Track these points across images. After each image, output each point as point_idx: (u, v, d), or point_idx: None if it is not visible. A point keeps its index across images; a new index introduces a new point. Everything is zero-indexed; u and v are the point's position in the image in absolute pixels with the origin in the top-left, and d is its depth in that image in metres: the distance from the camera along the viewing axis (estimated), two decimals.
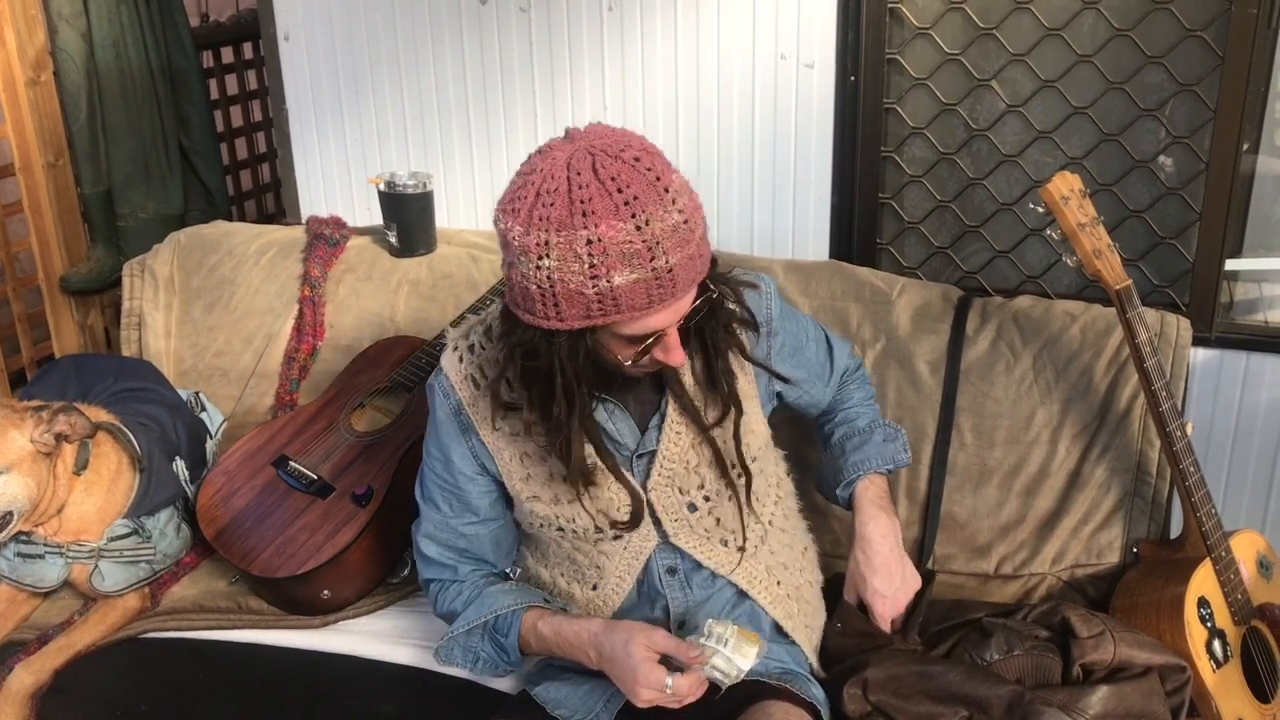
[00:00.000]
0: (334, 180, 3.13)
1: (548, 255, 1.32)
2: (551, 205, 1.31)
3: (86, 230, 3.85)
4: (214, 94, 4.31)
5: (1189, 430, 1.84)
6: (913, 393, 2.12)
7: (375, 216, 2.62)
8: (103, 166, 3.72)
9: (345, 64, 2.99)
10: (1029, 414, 2.07)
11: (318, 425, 2.20)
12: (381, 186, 2.54)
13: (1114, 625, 1.72)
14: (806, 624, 1.75)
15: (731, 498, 1.66)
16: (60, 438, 1.92)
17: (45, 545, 1.98)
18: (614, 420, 1.61)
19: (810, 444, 1.96)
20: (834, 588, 1.84)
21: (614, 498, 1.61)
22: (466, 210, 2.95)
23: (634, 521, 1.61)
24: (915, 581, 1.74)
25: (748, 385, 1.67)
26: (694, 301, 1.44)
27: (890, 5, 2.42)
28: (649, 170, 1.33)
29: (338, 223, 2.66)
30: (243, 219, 4.60)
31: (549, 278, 1.33)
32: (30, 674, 1.88)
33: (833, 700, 1.66)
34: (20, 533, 1.96)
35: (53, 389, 2.16)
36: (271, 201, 4.83)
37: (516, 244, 1.35)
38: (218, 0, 4.72)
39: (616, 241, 1.30)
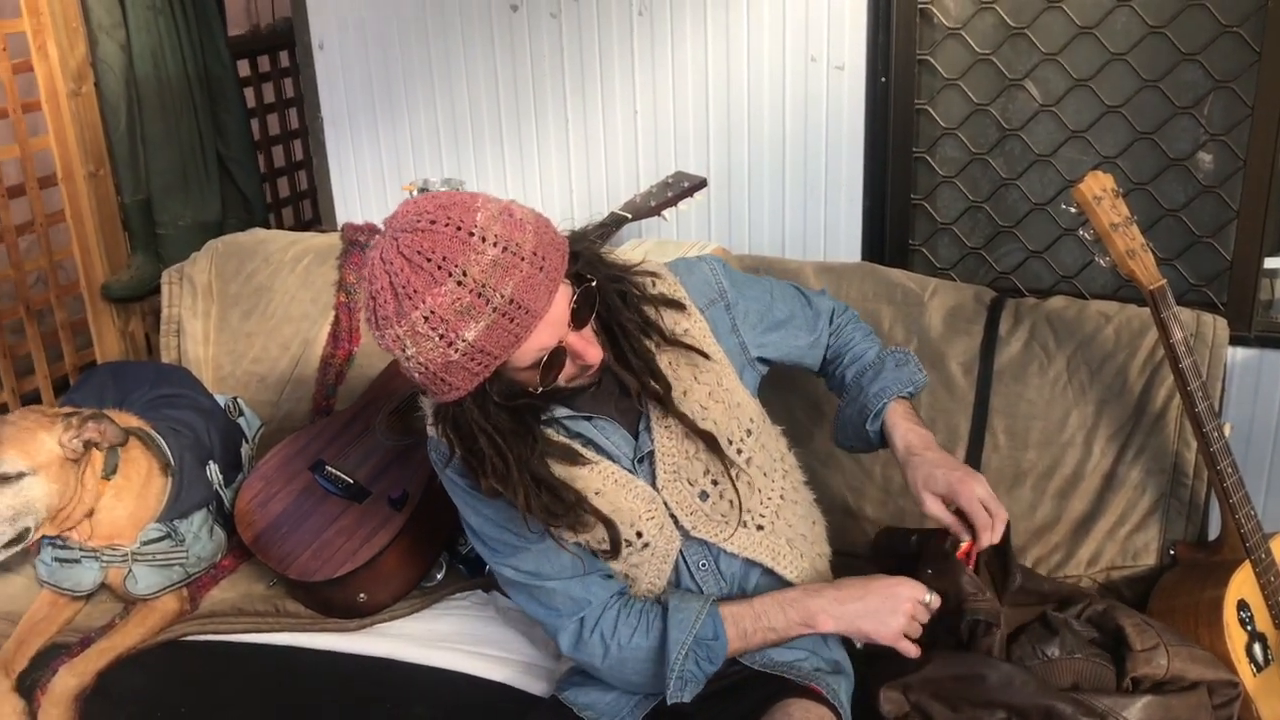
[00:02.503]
0: (368, 187, 3.16)
1: (405, 346, 1.36)
2: (385, 304, 1.35)
3: (127, 239, 3.91)
4: (250, 102, 4.36)
5: (1227, 431, 1.82)
6: (946, 395, 2.11)
7: None
8: (142, 175, 3.78)
9: (378, 72, 3.02)
10: (1063, 415, 2.05)
11: (354, 430, 2.22)
12: (415, 193, 2.56)
13: (1169, 638, 1.69)
14: None
15: (738, 476, 1.66)
16: (89, 444, 1.95)
17: (81, 550, 2.01)
18: (605, 434, 1.62)
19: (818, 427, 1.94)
20: (889, 543, 1.86)
21: (632, 506, 1.62)
22: None
23: (614, 550, 1.61)
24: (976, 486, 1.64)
25: (718, 356, 1.67)
26: (572, 302, 1.43)
27: (921, 6, 2.41)
28: (447, 225, 1.34)
29: (372, 229, 2.68)
30: (279, 226, 4.65)
31: (420, 363, 1.37)
32: (74, 676, 1.91)
33: (866, 692, 1.66)
34: (57, 537, 2.00)
35: (92, 396, 2.19)
36: (308, 208, 4.88)
37: (384, 347, 1.39)
38: (266, 9, 4.77)
39: (447, 305, 1.32)
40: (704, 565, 1.67)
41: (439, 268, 1.32)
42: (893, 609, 1.58)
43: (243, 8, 4.48)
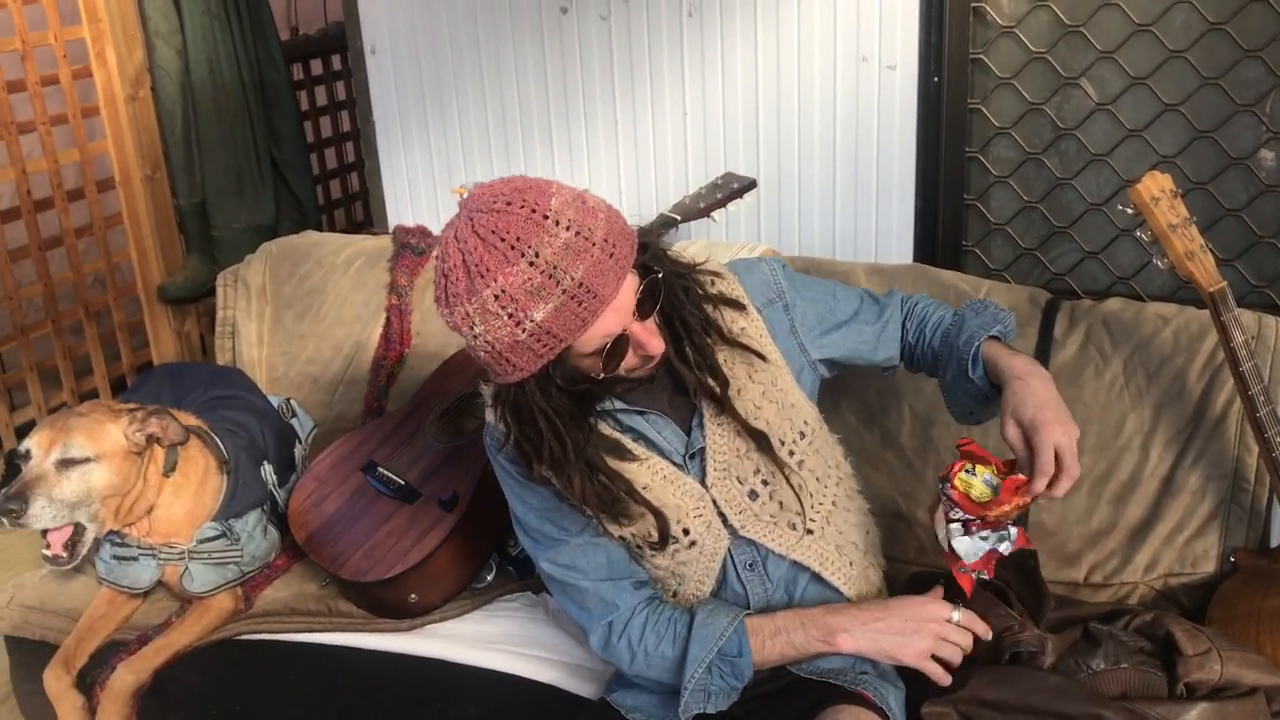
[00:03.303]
0: (419, 189, 3.19)
1: (474, 324, 1.39)
2: (457, 281, 1.38)
3: (182, 241, 3.97)
4: (303, 106, 4.41)
5: None
6: None
7: None
8: (198, 179, 3.84)
9: (429, 76, 3.04)
10: (1119, 419, 2.02)
11: (405, 431, 2.24)
12: (465, 196, 2.57)
13: (1221, 642, 1.66)
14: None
15: (790, 477, 1.65)
16: (151, 439, 1.98)
17: (139, 547, 2.04)
18: (657, 429, 1.63)
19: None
20: (915, 587, 1.82)
21: (680, 503, 1.62)
22: None
23: (663, 542, 1.61)
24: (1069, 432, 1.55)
25: (774, 358, 1.66)
26: (638, 291, 1.45)
27: (974, 4, 2.39)
28: (522, 207, 1.37)
29: (423, 232, 2.70)
30: (332, 227, 4.70)
31: (487, 342, 1.40)
32: (132, 673, 1.95)
33: (913, 705, 1.64)
34: (115, 534, 2.03)
35: (149, 396, 2.22)
36: (360, 210, 4.93)
37: (452, 326, 1.42)
38: (307, 12, 4.82)
39: (518, 285, 1.35)
40: (752, 566, 1.66)
41: (512, 248, 1.35)
42: (916, 629, 1.55)
43: (282, 12, 4.53)
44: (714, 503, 1.63)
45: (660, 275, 1.48)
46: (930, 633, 1.54)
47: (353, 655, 1.98)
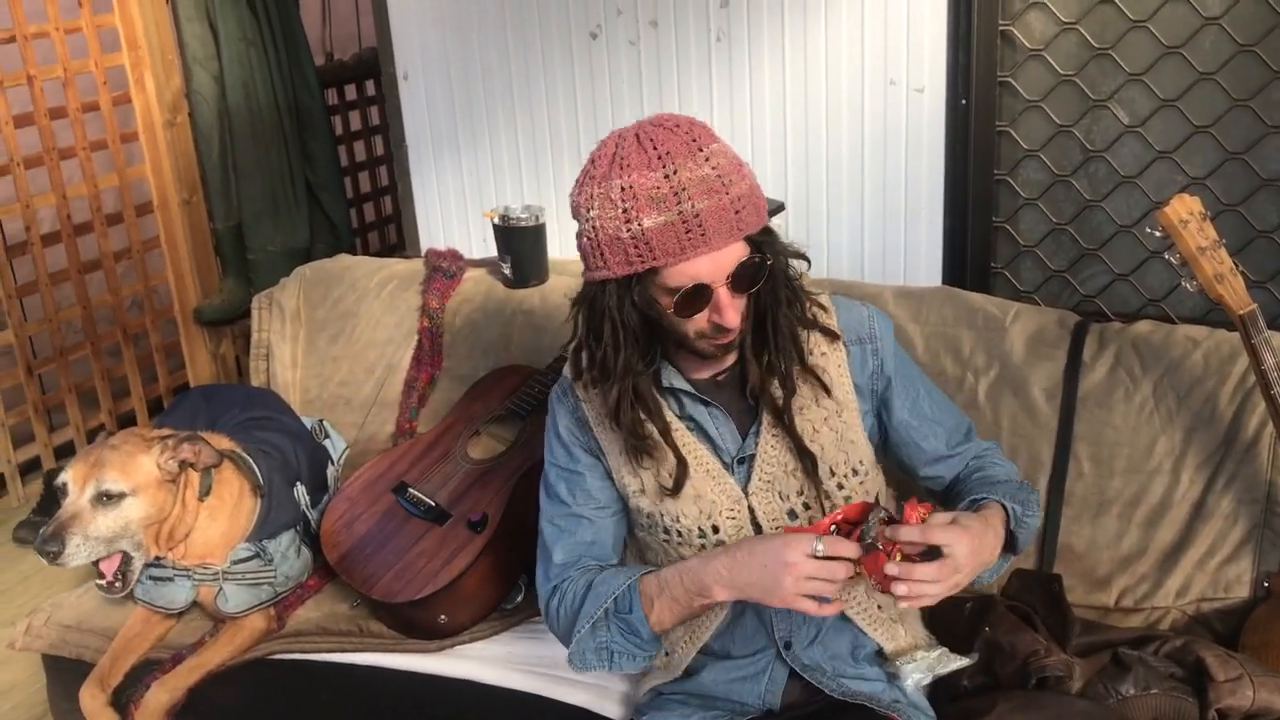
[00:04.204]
0: (451, 213, 3.22)
1: (592, 207, 1.48)
2: (600, 164, 1.49)
3: (218, 264, 4.02)
4: (337, 130, 4.46)
5: None
6: (1028, 421, 2.08)
7: (490, 248, 2.68)
8: (233, 202, 3.89)
9: (461, 101, 3.07)
10: (1149, 443, 2.01)
11: (435, 453, 2.26)
12: (496, 220, 2.59)
13: (1253, 668, 1.65)
14: (913, 649, 1.72)
15: (831, 509, 1.64)
16: (185, 464, 2.01)
17: (174, 568, 2.07)
18: (716, 423, 1.65)
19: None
20: (941, 613, 1.82)
21: (715, 499, 1.64)
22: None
23: (676, 488, 1.62)
24: (961, 581, 1.49)
25: (844, 393, 1.68)
26: (741, 262, 1.49)
27: (1002, 28, 2.39)
28: (688, 134, 1.47)
29: (454, 255, 2.72)
30: (365, 250, 4.75)
31: (593, 228, 1.48)
32: (166, 692, 1.97)
33: None
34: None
35: (185, 418, 2.26)
36: (393, 233, 4.97)
37: (573, 205, 1.52)
38: (342, 38, 4.89)
39: (646, 187, 1.43)
40: None
41: (659, 157, 1.44)
42: (777, 573, 1.46)
43: (317, 38, 4.59)
44: (751, 511, 1.64)
45: (769, 262, 1.52)
46: (792, 574, 1.45)
47: (383, 675, 2.00)
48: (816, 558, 1.45)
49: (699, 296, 1.48)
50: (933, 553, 1.45)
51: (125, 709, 1.98)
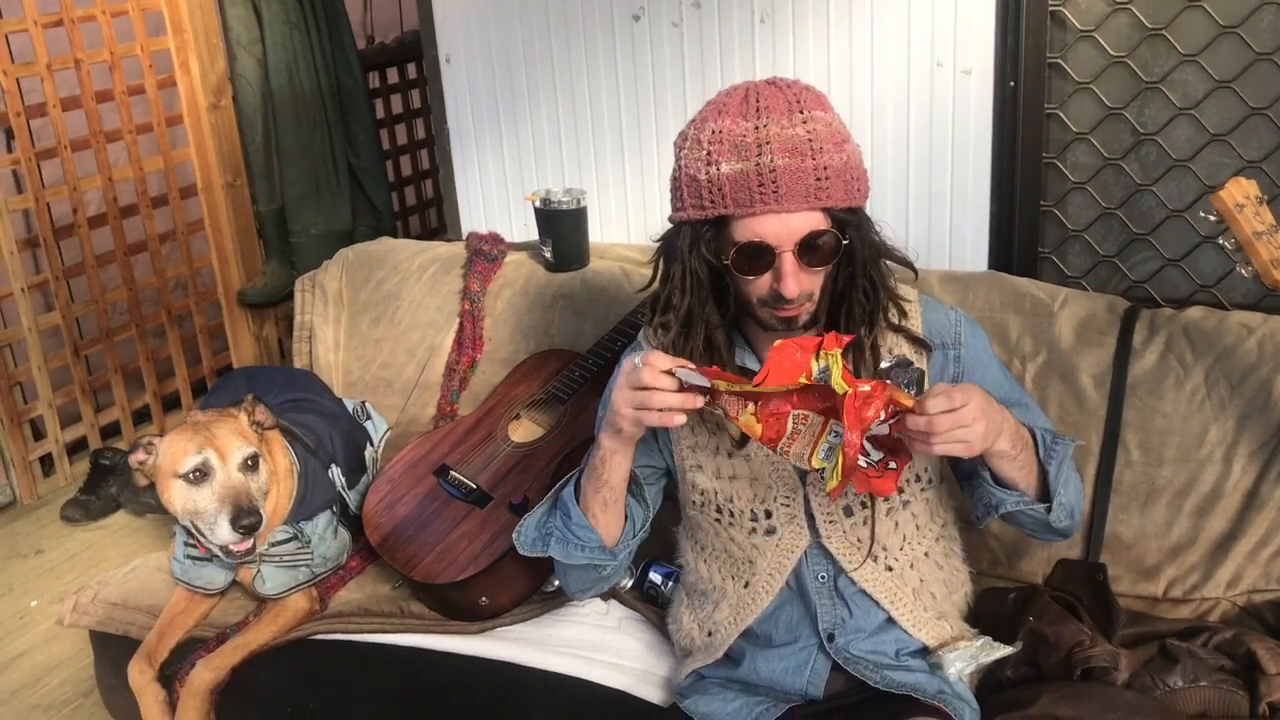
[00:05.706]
0: (492, 197, 3.22)
1: (685, 144, 1.51)
2: (706, 109, 1.51)
3: (261, 246, 4.05)
4: (380, 113, 4.48)
5: None
6: (1076, 408, 2.05)
7: (532, 232, 2.68)
8: (277, 186, 3.91)
9: (503, 84, 3.07)
10: (1201, 431, 1.98)
11: (477, 436, 2.26)
12: (537, 203, 2.59)
13: None
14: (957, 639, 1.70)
15: (888, 513, 1.64)
16: (258, 425, 2.07)
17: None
18: None
19: None
20: (987, 603, 1.80)
21: (772, 485, 1.64)
22: (619, 225, 2.99)
23: (742, 441, 1.62)
24: (973, 437, 1.41)
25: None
26: (814, 233, 1.47)
27: (1052, 8, 2.35)
28: (794, 95, 1.47)
29: (496, 239, 2.73)
30: (407, 233, 4.76)
31: (680, 166, 1.52)
32: (210, 671, 1.99)
33: None
34: (190, 537, 2.08)
35: (226, 399, 2.26)
36: (434, 216, 4.98)
37: (676, 141, 1.55)
38: (384, 22, 4.90)
39: (733, 134, 1.45)
40: (822, 579, 1.66)
41: (755, 110, 1.46)
42: (613, 419, 1.53)
43: (359, 21, 4.60)
44: (806, 501, 1.64)
45: (846, 243, 1.51)
46: (624, 399, 1.50)
47: (424, 656, 2.00)
48: (637, 368, 1.48)
49: (760, 256, 1.48)
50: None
51: (170, 685, 2.00)
